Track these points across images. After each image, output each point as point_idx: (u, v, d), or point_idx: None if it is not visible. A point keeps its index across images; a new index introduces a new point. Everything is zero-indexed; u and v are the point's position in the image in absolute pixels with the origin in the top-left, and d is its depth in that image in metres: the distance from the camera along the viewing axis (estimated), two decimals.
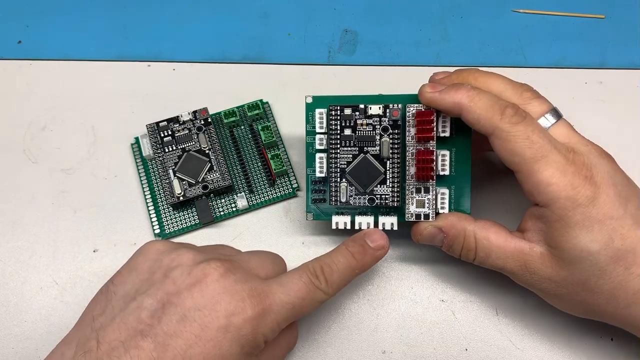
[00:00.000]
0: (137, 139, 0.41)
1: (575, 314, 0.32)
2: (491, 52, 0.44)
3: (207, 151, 0.38)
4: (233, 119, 0.40)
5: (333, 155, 0.33)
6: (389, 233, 0.33)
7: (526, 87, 0.32)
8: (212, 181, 0.38)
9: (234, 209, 0.38)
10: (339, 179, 0.33)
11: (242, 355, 0.27)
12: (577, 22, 0.45)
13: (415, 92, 0.32)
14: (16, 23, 0.45)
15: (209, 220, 0.38)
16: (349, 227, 0.34)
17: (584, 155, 0.29)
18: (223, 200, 0.39)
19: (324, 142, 0.34)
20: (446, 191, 0.33)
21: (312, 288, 0.29)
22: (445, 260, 0.37)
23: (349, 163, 0.33)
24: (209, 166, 0.38)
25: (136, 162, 0.40)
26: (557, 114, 0.31)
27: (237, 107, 0.41)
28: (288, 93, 0.42)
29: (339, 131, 0.33)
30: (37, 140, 0.41)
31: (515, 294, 0.35)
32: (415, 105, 0.32)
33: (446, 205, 0.33)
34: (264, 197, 0.39)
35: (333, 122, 0.33)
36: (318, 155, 0.34)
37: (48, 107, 0.42)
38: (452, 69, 0.34)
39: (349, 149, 0.33)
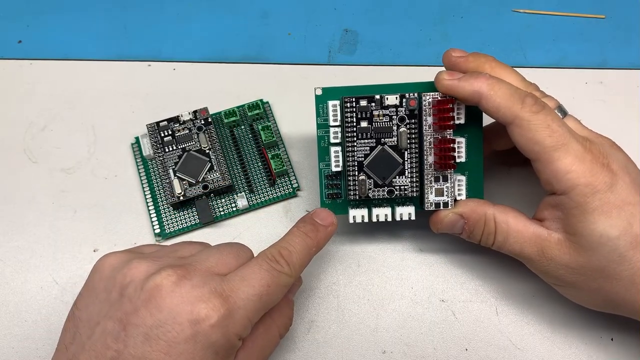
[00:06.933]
0: (137, 138, 0.41)
1: (589, 306, 0.32)
2: (491, 52, 0.43)
3: (207, 151, 0.38)
4: (233, 118, 0.40)
5: (350, 148, 0.32)
6: (405, 224, 0.32)
7: (535, 86, 0.32)
8: (212, 181, 0.38)
9: (234, 209, 0.38)
10: (357, 172, 0.33)
11: (219, 358, 0.26)
12: (577, 22, 0.45)
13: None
14: (16, 23, 0.45)
15: (209, 220, 0.38)
16: (366, 219, 0.34)
17: (598, 144, 0.30)
18: (223, 200, 0.39)
19: (339, 135, 0.33)
20: (463, 178, 0.33)
21: (276, 273, 0.29)
22: (445, 260, 0.37)
23: (366, 155, 0.33)
24: (209, 166, 0.38)
25: (136, 162, 0.40)
26: (563, 111, 0.32)
27: (237, 107, 0.41)
28: (288, 93, 0.42)
29: (355, 124, 0.32)
30: (37, 140, 0.41)
31: (516, 294, 0.35)
32: (432, 93, 0.32)
33: (463, 192, 0.33)
34: (264, 197, 0.39)
35: (348, 114, 0.32)
36: (333, 149, 0.33)
37: (48, 107, 0.42)
38: None
39: (366, 141, 0.32)
